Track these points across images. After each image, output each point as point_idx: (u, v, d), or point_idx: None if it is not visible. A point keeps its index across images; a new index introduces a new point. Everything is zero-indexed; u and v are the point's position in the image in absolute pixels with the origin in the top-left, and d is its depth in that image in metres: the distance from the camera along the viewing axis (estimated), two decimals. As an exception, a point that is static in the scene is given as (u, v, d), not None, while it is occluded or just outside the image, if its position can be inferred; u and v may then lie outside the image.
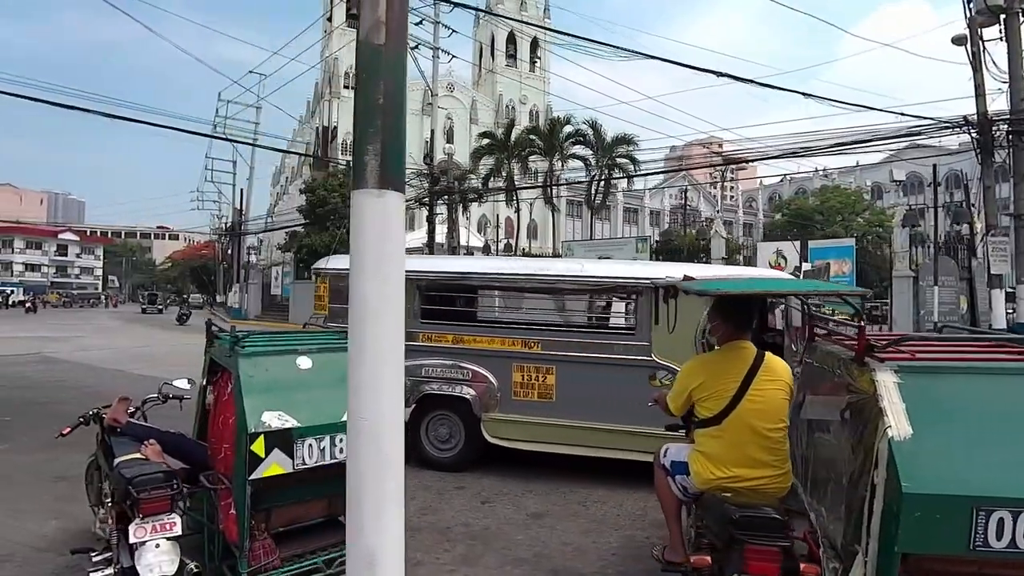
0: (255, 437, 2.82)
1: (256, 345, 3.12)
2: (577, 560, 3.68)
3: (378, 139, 1.25)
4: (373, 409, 1.21)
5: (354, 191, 1.28)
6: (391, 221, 1.27)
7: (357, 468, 1.24)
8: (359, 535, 1.21)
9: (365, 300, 1.24)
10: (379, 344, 1.23)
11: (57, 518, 4.24)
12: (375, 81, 1.29)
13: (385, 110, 1.27)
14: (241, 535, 2.83)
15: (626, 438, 5.01)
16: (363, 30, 1.29)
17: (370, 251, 1.25)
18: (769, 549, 2.18)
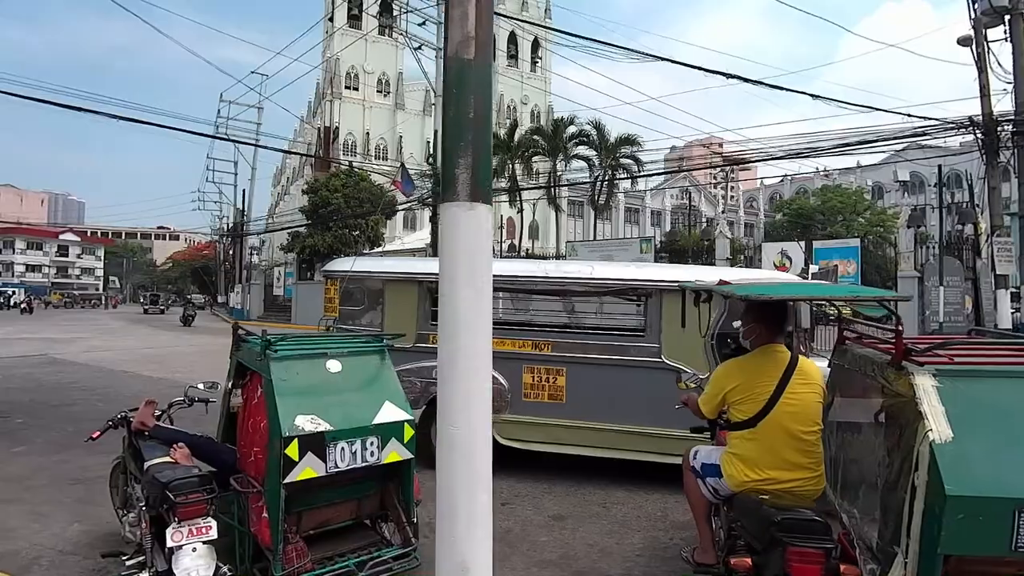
0: (289, 441, 2.83)
1: (287, 348, 3.13)
2: (603, 561, 3.69)
3: (469, 152, 1.26)
4: (465, 419, 1.22)
5: (445, 203, 1.29)
6: (482, 233, 1.28)
7: (450, 480, 1.25)
8: (452, 545, 1.22)
9: (458, 311, 1.25)
10: (471, 355, 1.24)
11: (79, 521, 4.23)
12: (465, 95, 1.30)
13: (475, 124, 1.28)
14: (275, 538, 2.84)
15: (636, 439, 5.04)
16: (452, 45, 1.30)
17: (462, 262, 1.26)
18: (812, 551, 2.19)
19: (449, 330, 1.27)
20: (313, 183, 30.52)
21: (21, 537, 3.95)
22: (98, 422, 7.49)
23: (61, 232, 75.71)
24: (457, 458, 1.24)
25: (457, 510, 1.23)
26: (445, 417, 1.28)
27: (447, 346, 1.27)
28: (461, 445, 1.24)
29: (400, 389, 3.42)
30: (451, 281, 1.27)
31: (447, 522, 1.26)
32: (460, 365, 1.24)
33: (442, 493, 1.27)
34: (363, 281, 6.77)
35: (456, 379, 1.24)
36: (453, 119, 1.30)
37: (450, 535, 1.24)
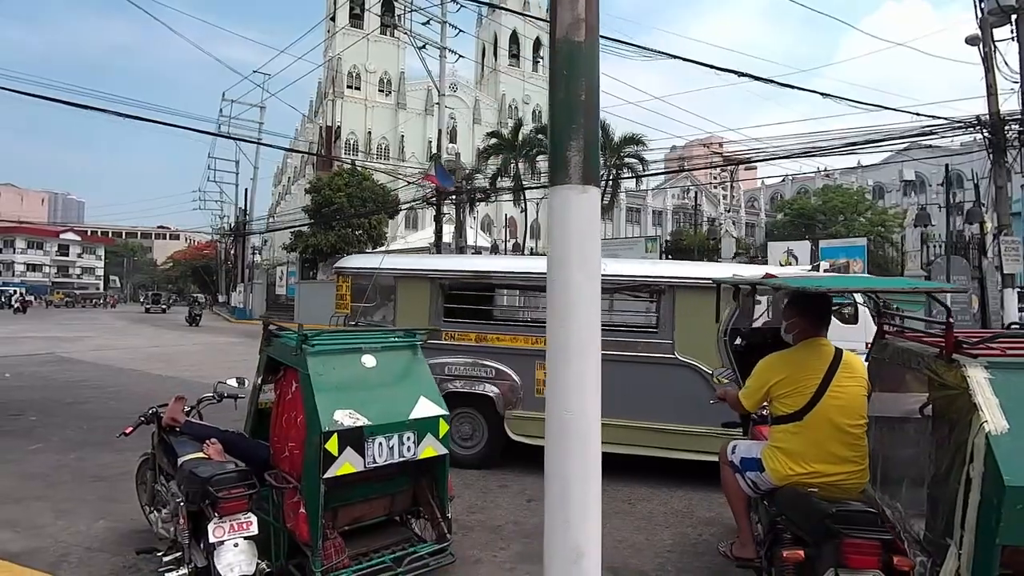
0: (329, 436, 2.81)
1: (324, 343, 3.11)
2: (634, 558, 3.68)
3: (580, 135, 1.24)
4: (578, 403, 1.21)
5: (556, 186, 1.27)
6: (593, 216, 1.26)
7: (563, 466, 1.23)
8: (565, 531, 1.21)
9: (569, 294, 1.24)
10: (583, 338, 1.23)
11: (104, 518, 4.21)
12: (576, 78, 1.29)
13: (586, 107, 1.27)
14: (314, 534, 2.83)
15: (649, 435, 5.06)
16: (561, 27, 1.28)
17: (574, 245, 1.25)
18: (869, 542, 2.18)
19: (560, 314, 1.25)
20: (316, 182, 30.49)
21: (48, 534, 3.93)
22: (111, 420, 7.53)
23: (62, 231, 75.63)
24: (572, 444, 1.23)
25: (571, 496, 1.22)
26: (558, 402, 1.26)
27: (559, 330, 1.25)
28: (575, 430, 1.23)
29: (434, 384, 3.41)
30: (563, 265, 1.25)
31: (560, 508, 1.24)
32: (572, 349, 1.22)
33: (554, 479, 1.25)
34: (375, 278, 6.76)
35: (569, 362, 1.22)
36: (563, 102, 1.28)
37: (564, 521, 1.23)
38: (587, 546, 1.21)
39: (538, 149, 26.99)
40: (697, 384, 5.06)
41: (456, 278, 6.28)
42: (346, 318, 6.71)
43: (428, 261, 7.74)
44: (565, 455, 1.25)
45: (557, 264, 1.26)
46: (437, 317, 5.94)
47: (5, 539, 3.83)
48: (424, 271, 6.46)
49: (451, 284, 6.22)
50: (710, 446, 4.91)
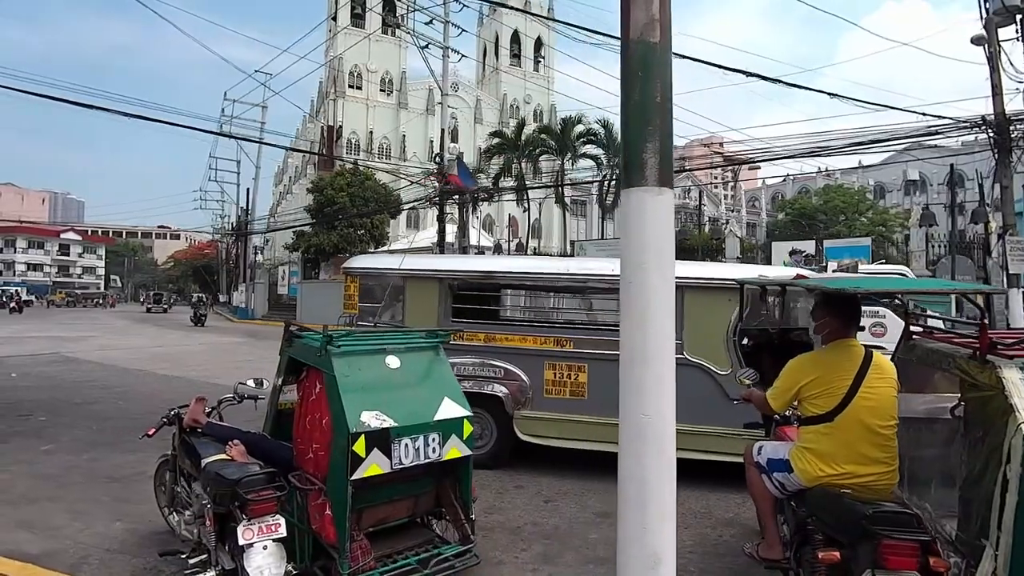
0: (356, 437, 2.80)
1: (349, 344, 3.10)
2: (656, 559, 3.67)
3: (656, 137, 1.23)
4: (655, 406, 1.20)
5: (631, 188, 1.26)
6: (668, 218, 1.25)
7: (640, 469, 1.22)
8: (642, 535, 1.19)
9: (647, 298, 1.22)
10: (660, 341, 1.22)
11: (120, 519, 4.19)
12: (652, 79, 1.27)
13: (661, 108, 1.25)
14: (341, 536, 2.81)
15: None
16: (635, 28, 1.27)
17: (651, 247, 1.24)
18: (908, 544, 2.18)
19: (638, 317, 1.24)
20: (318, 182, 30.46)
21: (66, 536, 3.91)
22: (120, 420, 7.51)
23: (63, 231, 75.56)
24: (648, 447, 1.22)
25: (648, 501, 1.21)
26: (635, 405, 1.25)
27: (636, 333, 1.24)
28: (652, 433, 1.22)
29: (457, 385, 3.40)
30: (639, 267, 1.24)
31: (637, 513, 1.23)
32: (650, 352, 1.21)
33: (630, 483, 1.24)
34: (383, 278, 6.76)
35: (647, 365, 1.21)
36: (638, 104, 1.27)
37: (641, 526, 1.22)
38: (664, 552, 1.20)
39: (541, 149, 26.98)
40: (706, 384, 5.08)
41: (465, 278, 6.28)
42: (354, 318, 6.70)
43: (437, 261, 7.72)
44: (641, 458, 1.24)
45: (634, 267, 1.25)
46: (446, 317, 5.94)
47: (23, 540, 3.81)
48: (433, 271, 6.45)
49: (460, 284, 6.22)
50: (720, 446, 4.95)
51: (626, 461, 1.28)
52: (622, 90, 1.27)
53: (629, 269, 1.26)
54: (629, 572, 1.25)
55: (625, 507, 1.27)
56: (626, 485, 1.26)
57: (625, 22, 1.27)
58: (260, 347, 18.06)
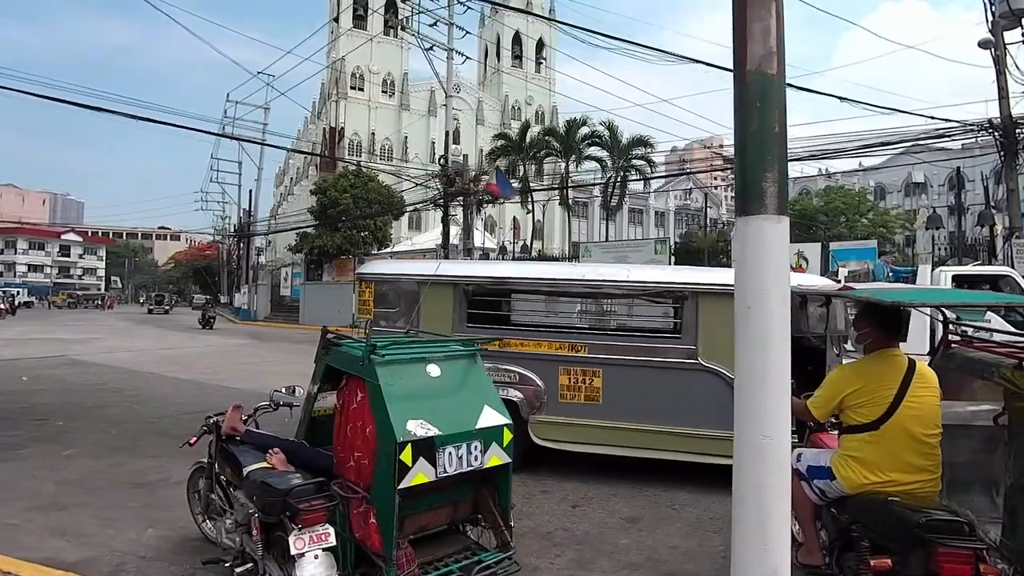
0: (403, 446, 2.81)
1: (392, 353, 3.11)
2: (690, 563, 3.70)
3: (775, 166, 1.27)
4: (776, 430, 1.22)
5: (750, 216, 1.29)
6: (785, 246, 1.28)
7: (759, 489, 1.25)
8: (763, 553, 1.22)
9: (769, 323, 1.25)
10: (780, 365, 1.24)
11: (152, 526, 4.19)
12: (770, 109, 1.31)
13: (779, 137, 1.28)
14: (387, 544, 2.82)
15: (672, 439, 5.10)
16: (753, 60, 1.31)
17: (771, 273, 1.27)
18: (963, 552, 2.20)
19: (758, 341, 1.27)
20: (322, 183, 30.47)
21: (99, 543, 3.91)
22: (136, 424, 7.51)
23: (63, 232, 75.45)
24: (769, 467, 1.25)
25: (768, 519, 1.24)
26: (754, 427, 1.28)
27: (756, 357, 1.27)
28: (773, 456, 1.25)
29: (496, 393, 3.42)
30: (761, 294, 1.27)
31: (757, 532, 1.26)
32: (771, 377, 1.24)
33: (749, 503, 1.28)
34: (398, 283, 6.79)
35: (767, 390, 1.24)
36: (757, 134, 1.30)
37: (762, 544, 1.25)
38: (782, 568, 1.23)
39: (546, 151, 26.99)
40: (720, 389, 5.08)
41: (480, 284, 6.31)
42: (369, 323, 6.73)
43: (451, 267, 7.77)
44: (761, 479, 1.27)
45: (755, 293, 1.28)
46: (461, 322, 5.97)
47: (58, 548, 3.82)
48: (447, 277, 6.48)
49: (475, 290, 6.26)
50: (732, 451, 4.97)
51: (744, 480, 1.31)
52: (737, 119, 1.30)
53: (749, 294, 1.29)
54: None
55: (742, 527, 1.30)
56: (745, 504, 1.29)
57: (741, 54, 1.30)
58: (266, 349, 18.08)
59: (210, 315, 27.34)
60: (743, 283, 1.31)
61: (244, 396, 9.53)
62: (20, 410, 8.08)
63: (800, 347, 6.41)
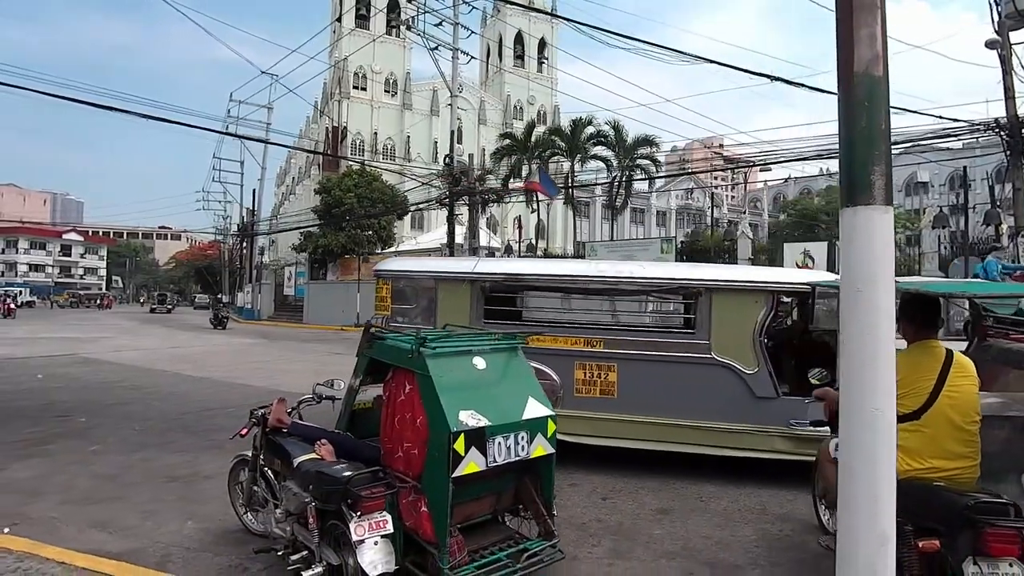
0: (456, 436, 2.89)
1: (441, 346, 3.19)
2: (724, 552, 3.77)
3: (883, 161, 1.36)
4: (883, 402, 1.31)
5: (858, 206, 1.38)
6: (891, 234, 1.37)
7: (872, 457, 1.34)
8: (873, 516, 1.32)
9: (876, 304, 1.34)
10: (886, 344, 1.35)
11: (191, 519, 4.25)
12: (878, 108, 1.41)
13: (885, 134, 1.38)
14: (441, 532, 2.89)
15: (686, 432, 5.22)
16: (860, 63, 1.41)
17: (880, 260, 1.36)
18: (1010, 531, 2.29)
19: (868, 324, 1.37)
20: (326, 183, 30.51)
21: (142, 535, 3.96)
22: (160, 421, 7.58)
23: (64, 232, 75.46)
24: (880, 439, 1.35)
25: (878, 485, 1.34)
26: (866, 401, 1.38)
27: (866, 338, 1.36)
28: (883, 425, 1.34)
29: (539, 385, 3.49)
30: (869, 279, 1.36)
31: (868, 500, 1.38)
32: (879, 355, 1.33)
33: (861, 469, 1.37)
34: (415, 280, 6.88)
35: (876, 366, 1.34)
36: (865, 131, 1.40)
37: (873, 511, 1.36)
38: (889, 531, 1.34)
39: (552, 150, 27.05)
40: (734, 383, 5.24)
41: (497, 281, 6.41)
42: (386, 319, 6.82)
43: (468, 264, 7.87)
44: (872, 450, 1.37)
45: (864, 279, 1.37)
46: (478, 319, 6.06)
47: (101, 540, 3.87)
48: (464, 273, 6.58)
49: (492, 286, 6.35)
50: (747, 442, 5.13)
51: (854, 453, 1.41)
52: (845, 118, 1.40)
53: (859, 280, 1.39)
54: (860, 549, 1.38)
55: (853, 494, 1.40)
56: (855, 474, 1.39)
57: (848, 57, 1.40)
58: (275, 348, 18.14)
59: (223, 315, 26.53)
60: (851, 268, 1.40)
61: (262, 394, 9.64)
62: (41, 407, 8.15)
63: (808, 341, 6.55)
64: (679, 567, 3.56)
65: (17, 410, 7.90)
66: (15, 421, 7.24)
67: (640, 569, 3.54)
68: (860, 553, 1.36)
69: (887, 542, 1.34)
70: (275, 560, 3.44)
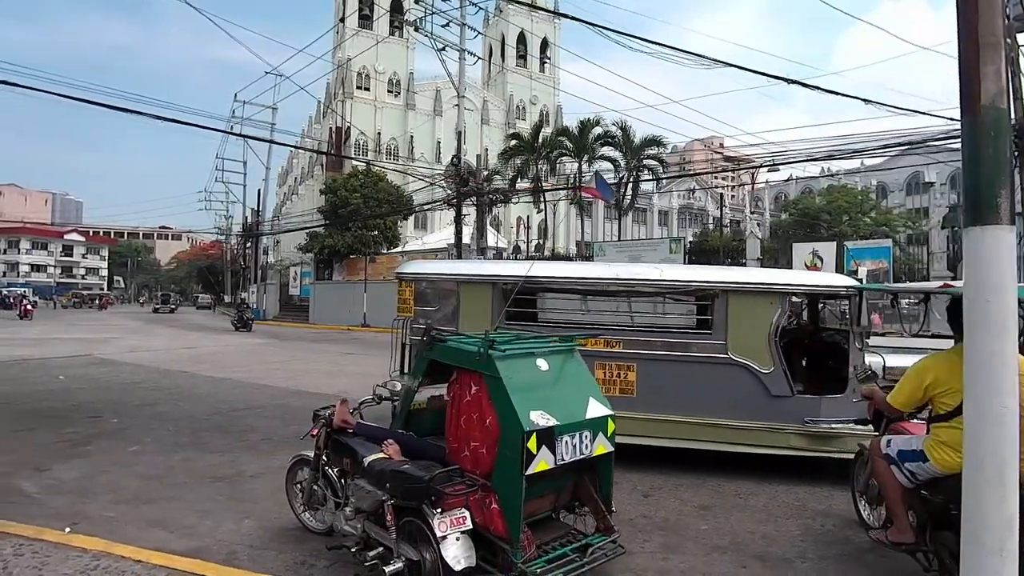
0: (530, 435, 3.00)
1: (509, 348, 3.30)
2: (772, 546, 3.89)
3: (1007, 185, 1.49)
4: (1011, 401, 1.44)
5: (987, 225, 1.53)
6: (1014, 249, 1.52)
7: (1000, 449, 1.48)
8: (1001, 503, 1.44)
9: (1004, 313, 1.49)
10: (1012, 348, 1.50)
11: (247, 517, 4.31)
12: (1003, 137, 1.56)
13: (1008, 161, 1.53)
14: (514, 529, 3.00)
15: (704, 429, 5.37)
16: (987, 96, 1.57)
17: (1007, 273, 1.51)
18: None
19: (998, 330, 1.52)
20: (331, 183, 30.60)
21: (203, 534, 4.02)
22: (191, 422, 7.67)
23: (66, 232, 75.43)
24: (1006, 432, 1.50)
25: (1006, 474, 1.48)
26: (995, 399, 1.52)
27: (995, 343, 1.51)
28: (1010, 421, 1.47)
29: (597, 386, 3.61)
30: (1000, 289, 1.52)
31: (997, 487, 1.51)
32: (1007, 358, 1.48)
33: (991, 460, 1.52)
34: (437, 283, 7.01)
35: (1005, 369, 1.48)
36: (991, 158, 1.57)
37: (1001, 496, 1.48)
38: (1015, 514, 1.47)
39: (559, 151, 27.18)
40: (749, 382, 5.41)
41: (518, 283, 6.57)
42: (409, 321, 6.94)
43: (490, 267, 8.02)
44: (999, 442, 1.51)
45: (995, 289, 1.52)
46: (499, 320, 6.19)
47: (164, 539, 3.91)
48: (487, 276, 6.72)
49: (513, 289, 6.50)
50: (763, 440, 5.31)
51: (982, 444, 1.57)
52: (970, 146, 1.58)
53: (987, 291, 1.55)
54: (989, 533, 1.51)
55: (982, 481, 1.55)
56: (983, 464, 1.56)
57: (974, 91, 1.58)
58: (288, 348, 18.23)
59: (248, 316, 25.24)
60: (979, 281, 1.57)
61: (286, 395, 9.73)
62: (70, 408, 8.24)
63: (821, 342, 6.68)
64: (731, 560, 3.68)
65: (48, 411, 7.99)
66: (49, 422, 7.33)
67: (694, 562, 3.65)
68: (989, 536, 1.51)
69: (1013, 524, 1.48)
70: (341, 556, 3.54)
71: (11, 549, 3.64)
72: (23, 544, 3.72)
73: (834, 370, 6.17)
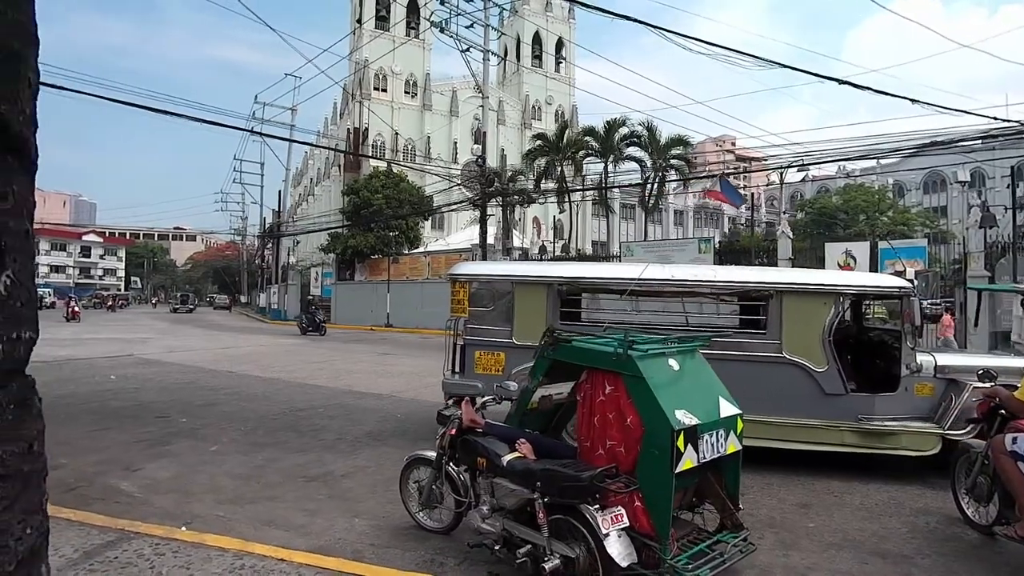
0: (678, 433, 3.07)
1: (646, 349, 3.37)
2: (885, 543, 3.94)
3: None
4: None
5: None
6: None
7: None
8: None
9: None
10: None
11: (357, 516, 4.34)
12: None
13: None
14: (662, 525, 3.06)
15: (761, 427, 5.39)
16: None
17: None
18: None
19: None
20: (353, 184, 30.75)
21: (319, 533, 4.04)
22: (259, 421, 7.78)
23: (84, 233, 76.10)
24: None
25: None
26: None
27: None
28: None
29: (723, 385, 3.67)
30: None
31: None
32: None
33: None
34: (492, 284, 7.10)
35: None
36: None
37: None
38: None
39: (585, 151, 27.13)
40: (804, 381, 5.50)
41: (572, 283, 6.70)
42: (464, 321, 7.05)
43: (544, 268, 8.14)
44: None
45: None
46: (555, 320, 6.31)
47: (283, 537, 3.93)
48: (542, 277, 6.84)
49: (568, 289, 6.63)
50: (818, 436, 5.40)
51: None
52: None
53: None
54: None
55: None
56: None
57: None
58: (322, 348, 18.34)
59: (320, 318, 22.93)
60: None
61: (339, 395, 9.86)
62: (135, 407, 8.35)
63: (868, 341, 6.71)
64: (852, 557, 3.73)
65: (116, 411, 8.11)
66: (120, 421, 7.44)
67: (815, 559, 3.71)
68: None
69: None
70: (470, 554, 3.62)
71: (150, 549, 3.71)
72: (160, 543, 3.78)
73: (882, 368, 6.23)
